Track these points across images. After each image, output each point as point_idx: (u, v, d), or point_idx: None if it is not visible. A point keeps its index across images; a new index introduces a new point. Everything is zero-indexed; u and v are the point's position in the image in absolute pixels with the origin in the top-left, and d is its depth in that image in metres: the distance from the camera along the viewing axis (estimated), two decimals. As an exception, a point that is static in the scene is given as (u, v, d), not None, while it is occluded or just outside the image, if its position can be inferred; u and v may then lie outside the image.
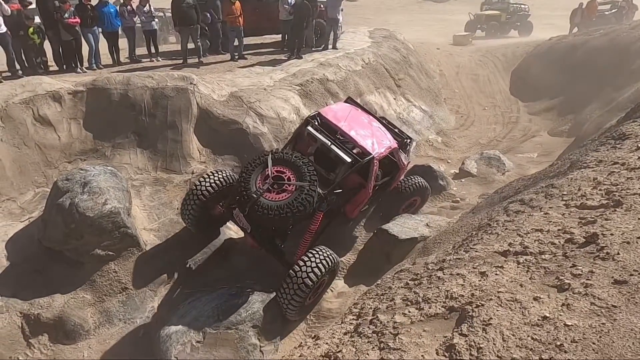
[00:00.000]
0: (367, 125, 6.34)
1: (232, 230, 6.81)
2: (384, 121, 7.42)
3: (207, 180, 5.72)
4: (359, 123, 6.27)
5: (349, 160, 5.57)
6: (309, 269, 4.90)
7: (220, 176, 5.80)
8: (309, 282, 4.85)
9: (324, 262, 5.00)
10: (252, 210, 4.96)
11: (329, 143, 5.68)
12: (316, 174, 5.20)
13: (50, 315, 5.27)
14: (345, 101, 7.46)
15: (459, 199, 8.15)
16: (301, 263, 4.97)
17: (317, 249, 5.15)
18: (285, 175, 5.11)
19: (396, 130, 7.44)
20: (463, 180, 8.97)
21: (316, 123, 6.00)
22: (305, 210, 4.98)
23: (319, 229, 5.56)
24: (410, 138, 7.69)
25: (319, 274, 4.93)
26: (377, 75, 11.49)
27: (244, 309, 5.20)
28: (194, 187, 5.72)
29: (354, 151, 5.81)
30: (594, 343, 2.18)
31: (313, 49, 11.96)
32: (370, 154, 5.70)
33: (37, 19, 9.27)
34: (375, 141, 5.99)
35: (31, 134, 6.85)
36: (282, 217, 4.89)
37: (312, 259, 4.99)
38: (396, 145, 6.46)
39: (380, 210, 7.13)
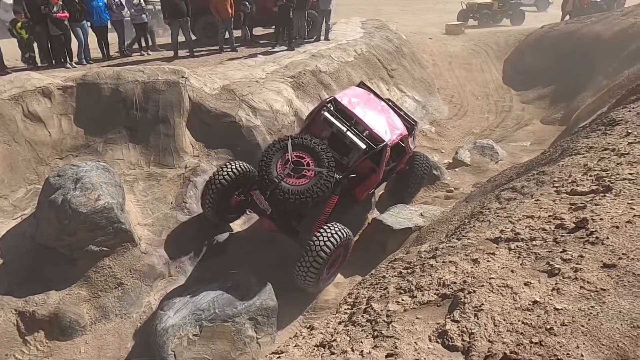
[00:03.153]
0: (381, 112, 6.58)
1: (227, 225, 6.81)
2: (390, 104, 7.66)
3: (226, 168, 5.98)
4: (373, 109, 6.48)
5: (364, 147, 5.82)
6: (323, 241, 5.17)
7: (237, 165, 6.06)
8: (324, 254, 5.13)
9: (336, 234, 5.27)
10: (274, 194, 5.27)
11: (345, 129, 5.91)
12: (333, 159, 5.47)
13: (45, 312, 5.26)
14: (358, 85, 7.65)
15: (452, 188, 8.19)
16: (315, 237, 5.24)
17: (329, 225, 5.41)
18: (305, 161, 5.38)
19: (402, 113, 7.68)
20: (457, 169, 9.01)
21: (331, 108, 6.20)
22: (324, 195, 5.32)
23: (332, 210, 5.88)
24: (415, 121, 7.98)
25: (333, 245, 5.21)
26: (370, 66, 11.46)
27: (240, 301, 5.22)
28: (214, 175, 5.99)
29: (367, 137, 6.03)
30: (583, 326, 2.21)
31: (305, 40, 11.90)
32: (384, 141, 5.93)
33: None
34: (388, 128, 6.22)
35: (21, 131, 6.78)
36: (302, 201, 5.22)
37: (326, 233, 5.26)
38: (406, 133, 6.70)
39: (405, 197, 7.44)
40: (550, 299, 2.44)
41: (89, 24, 9.48)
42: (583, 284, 2.48)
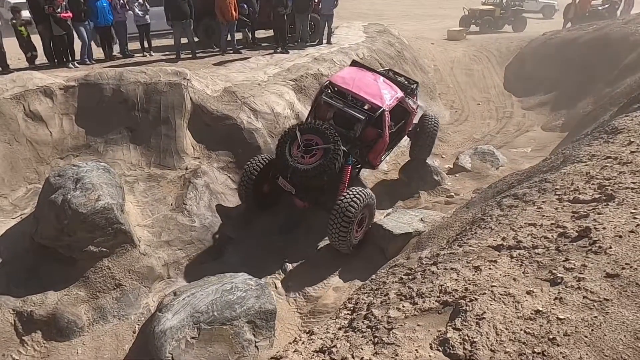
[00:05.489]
0: (373, 83, 7.10)
1: (226, 228, 6.80)
2: (390, 73, 8.38)
3: (255, 160, 6.71)
4: (366, 82, 7.04)
5: (362, 117, 6.51)
6: (349, 201, 5.87)
7: (264, 156, 6.84)
8: (350, 212, 5.80)
9: (358, 195, 5.96)
10: (292, 175, 6.02)
11: (342, 106, 6.61)
12: (338, 135, 6.07)
13: (43, 312, 5.23)
14: (351, 64, 8.19)
15: (453, 193, 8.17)
16: (341, 199, 5.92)
17: (351, 188, 6.12)
18: (313, 142, 6.05)
19: (402, 78, 8.31)
20: (457, 175, 8.99)
21: (329, 91, 6.90)
22: (335, 167, 5.99)
23: (350, 179, 6.67)
24: (416, 82, 8.67)
25: (358, 203, 5.88)
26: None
27: (239, 304, 5.19)
28: (245, 167, 6.70)
29: (366, 108, 6.72)
30: (586, 336, 2.19)
31: (307, 43, 11.92)
32: (381, 107, 6.55)
33: (25, 13, 9.15)
34: (382, 95, 6.81)
35: (22, 130, 6.77)
36: (317, 176, 5.92)
37: (349, 194, 5.95)
38: (402, 95, 7.28)
39: (420, 153, 8.42)
40: (553, 309, 2.42)
41: (92, 24, 9.50)
42: (586, 294, 2.47)
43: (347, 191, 6.04)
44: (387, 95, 6.86)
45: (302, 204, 6.69)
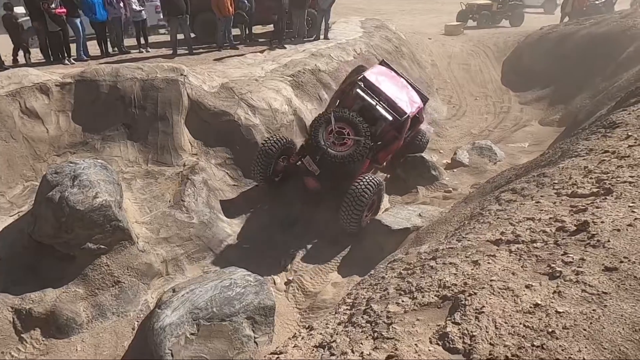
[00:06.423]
0: (402, 88, 7.67)
1: (225, 224, 6.80)
2: (409, 81, 8.62)
3: (271, 139, 6.97)
4: (396, 85, 7.58)
5: (390, 118, 6.91)
6: (364, 186, 6.23)
7: (280, 136, 7.12)
8: (365, 196, 6.16)
9: (371, 182, 6.32)
10: (323, 158, 6.38)
11: (375, 103, 6.95)
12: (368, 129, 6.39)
13: (42, 310, 5.22)
14: (380, 63, 8.58)
15: (451, 189, 8.18)
16: (355, 184, 6.24)
17: (364, 175, 6.49)
18: (345, 131, 6.40)
19: (415, 87, 8.62)
20: (455, 170, 9.00)
21: (362, 85, 7.18)
22: (363, 158, 6.46)
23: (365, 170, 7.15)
24: (427, 98, 8.91)
25: (371, 189, 6.25)
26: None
27: (238, 300, 5.20)
28: (262, 145, 6.94)
29: (392, 110, 7.04)
30: (584, 329, 2.20)
31: (305, 39, 11.88)
32: (406, 113, 7.02)
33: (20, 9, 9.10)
34: (408, 102, 7.36)
35: (18, 127, 6.73)
36: (346, 164, 6.32)
37: (363, 180, 6.31)
38: (422, 105, 7.86)
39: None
40: (552, 302, 2.43)
41: (87, 19, 9.44)
42: (585, 287, 2.47)
43: (361, 177, 6.35)
44: (412, 102, 7.41)
45: (315, 185, 6.90)
